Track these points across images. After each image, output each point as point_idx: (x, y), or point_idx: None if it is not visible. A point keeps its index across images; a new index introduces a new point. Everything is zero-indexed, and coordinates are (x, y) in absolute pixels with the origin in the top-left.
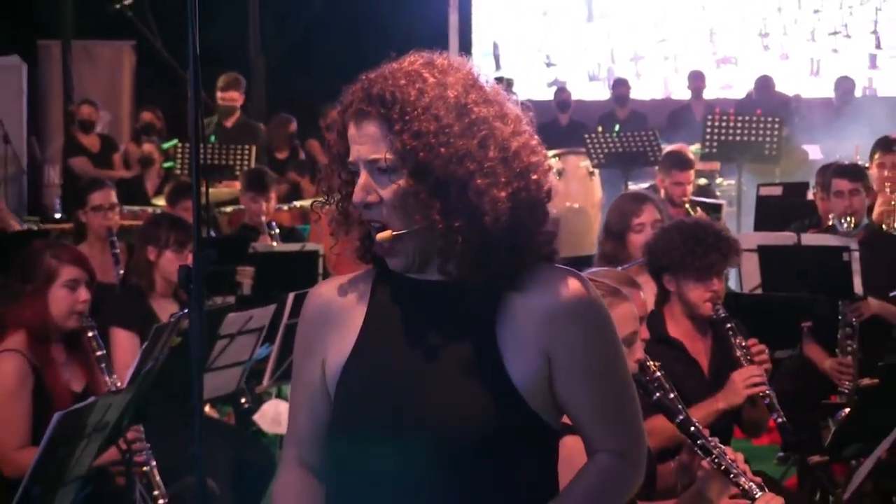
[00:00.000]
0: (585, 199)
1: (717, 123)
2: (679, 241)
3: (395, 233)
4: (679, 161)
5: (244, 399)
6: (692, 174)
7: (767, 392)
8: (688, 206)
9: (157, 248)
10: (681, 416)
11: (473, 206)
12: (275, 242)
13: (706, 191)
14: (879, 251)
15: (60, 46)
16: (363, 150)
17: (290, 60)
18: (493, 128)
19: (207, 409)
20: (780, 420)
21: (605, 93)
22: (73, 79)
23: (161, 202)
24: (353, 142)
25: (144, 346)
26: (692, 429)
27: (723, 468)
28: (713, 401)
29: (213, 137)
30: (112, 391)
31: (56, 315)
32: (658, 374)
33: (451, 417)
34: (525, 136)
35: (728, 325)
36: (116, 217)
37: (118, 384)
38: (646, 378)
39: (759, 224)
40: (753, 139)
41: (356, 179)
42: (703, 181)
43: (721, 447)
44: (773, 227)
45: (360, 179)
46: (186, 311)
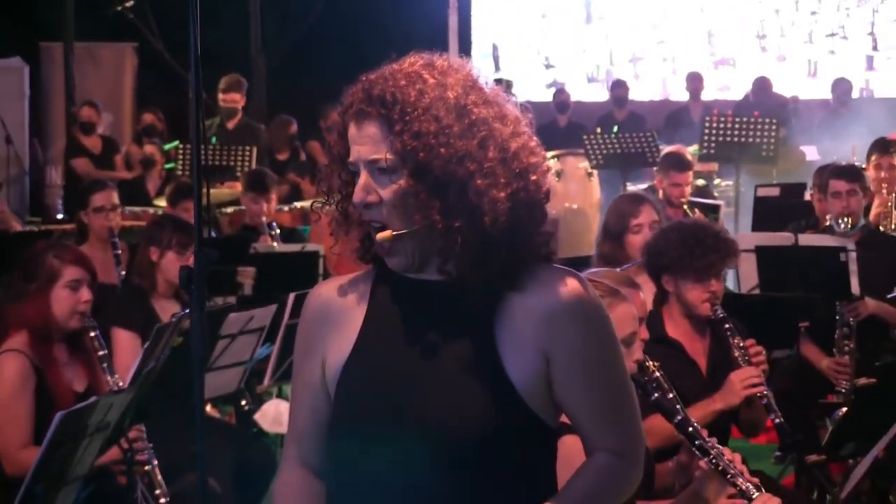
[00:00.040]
0: (584, 200)
1: (715, 124)
2: (678, 242)
3: (395, 233)
4: (677, 162)
5: (245, 399)
6: (690, 175)
7: (765, 392)
8: (686, 207)
9: (160, 250)
10: (679, 416)
11: (473, 207)
12: (275, 243)
13: (704, 192)
14: (876, 252)
15: (62, 48)
16: (363, 151)
17: (291, 61)
18: (493, 129)
19: (209, 409)
20: (778, 420)
21: (604, 94)
22: (75, 80)
23: (162, 203)
24: (354, 142)
25: (146, 346)
26: (690, 429)
27: (720, 468)
28: (711, 401)
29: (215, 139)
30: (114, 391)
31: (58, 315)
32: (657, 375)
33: (451, 417)
34: (524, 137)
35: (726, 326)
36: (118, 218)
37: (120, 384)
38: (644, 378)
39: (757, 225)
40: (751, 140)
41: (356, 180)
42: (702, 182)
43: (719, 447)
44: (771, 228)
45: (361, 180)
46: (188, 312)
